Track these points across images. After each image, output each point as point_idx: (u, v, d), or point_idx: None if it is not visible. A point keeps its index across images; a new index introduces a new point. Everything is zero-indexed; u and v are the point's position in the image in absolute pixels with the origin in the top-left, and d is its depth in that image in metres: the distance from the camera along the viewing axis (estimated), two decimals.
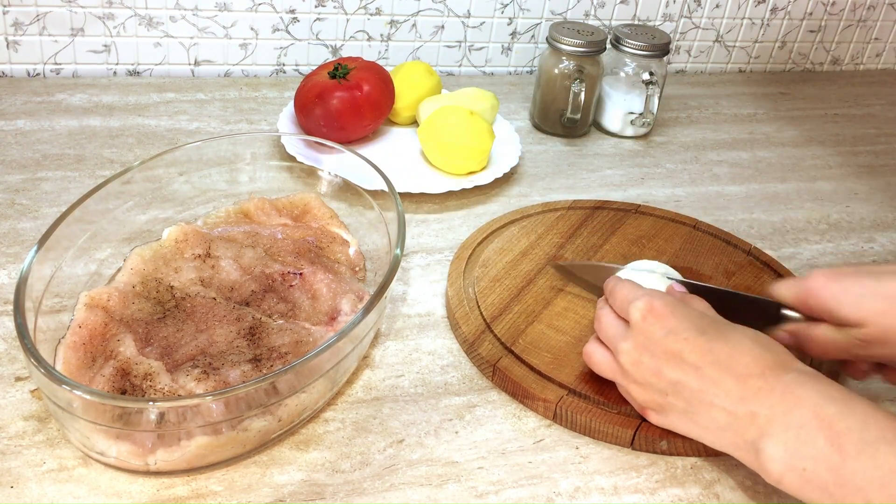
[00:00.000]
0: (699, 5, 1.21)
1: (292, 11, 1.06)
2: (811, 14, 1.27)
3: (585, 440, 0.60)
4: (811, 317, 0.61)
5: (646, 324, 0.56)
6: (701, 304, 0.59)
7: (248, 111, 1.00)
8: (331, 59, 1.10)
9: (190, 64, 1.06)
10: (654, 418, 0.58)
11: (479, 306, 0.69)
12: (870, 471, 0.45)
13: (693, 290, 0.64)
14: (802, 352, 0.61)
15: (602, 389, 0.61)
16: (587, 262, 0.74)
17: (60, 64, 1.02)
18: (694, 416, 0.54)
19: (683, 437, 0.57)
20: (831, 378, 0.52)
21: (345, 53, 1.11)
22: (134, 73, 1.05)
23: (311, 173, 0.81)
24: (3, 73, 1.01)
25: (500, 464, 0.57)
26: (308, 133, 0.91)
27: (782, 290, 0.62)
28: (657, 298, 0.56)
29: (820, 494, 0.47)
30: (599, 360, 0.60)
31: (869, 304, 0.57)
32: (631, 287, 0.59)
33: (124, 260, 0.66)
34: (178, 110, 0.98)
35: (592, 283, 0.70)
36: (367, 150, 0.92)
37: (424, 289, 0.74)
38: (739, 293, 0.65)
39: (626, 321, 0.58)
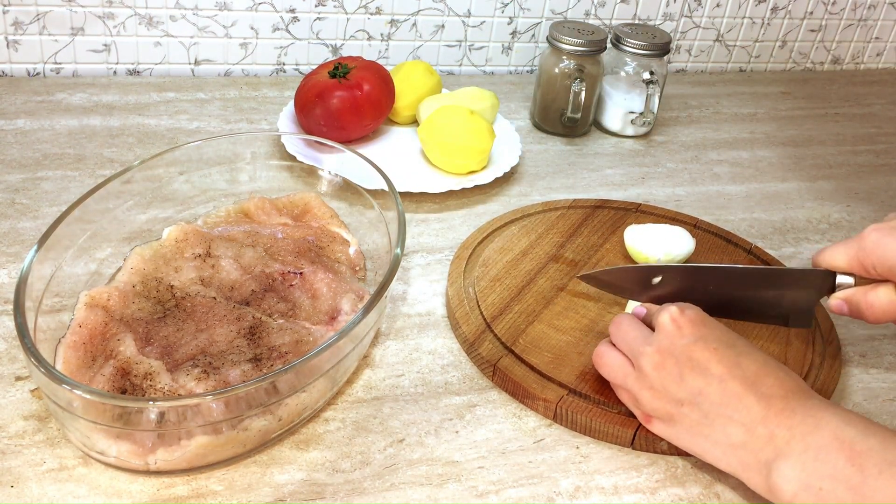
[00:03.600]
0: (700, 4, 1.21)
1: (292, 11, 1.06)
2: (812, 13, 1.27)
3: (586, 440, 0.60)
4: (868, 280, 0.58)
5: (675, 327, 0.55)
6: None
7: (249, 110, 1.00)
8: (331, 58, 1.10)
9: (190, 63, 1.06)
10: (657, 427, 0.57)
11: (479, 306, 0.69)
12: (892, 490, 0.46)
13: (739, 272, 0.61)
14: (859, 319, 0.59)
15: (602, 389, 0.61)
16: (612, 268, 0.69)
17: (60, 63, 1.02)
18: (707, 429, 0.53)
19: None
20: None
21: (345, 53, 1.11)
22: (134, 73, 1.05)
23: (311, 173, 0.81)
24: (3, 72, 1.01)
25: (500, 463, 0.57)
26: (308, 132, 0.91)
27: (833, 256, 0.59)
28: (689, 307, 0.56)
29: None
30: (612, 361, 0.58)
31: None
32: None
33: (124, 259, 0.66)
34: (179, 110, 0.98)
35: (624, 287, 0.68)
36: (368, 149, 0.92)
37: (424, 288, 0.74)
38: (787, 268, 0.63)
39: (650, 328, 0.57)
